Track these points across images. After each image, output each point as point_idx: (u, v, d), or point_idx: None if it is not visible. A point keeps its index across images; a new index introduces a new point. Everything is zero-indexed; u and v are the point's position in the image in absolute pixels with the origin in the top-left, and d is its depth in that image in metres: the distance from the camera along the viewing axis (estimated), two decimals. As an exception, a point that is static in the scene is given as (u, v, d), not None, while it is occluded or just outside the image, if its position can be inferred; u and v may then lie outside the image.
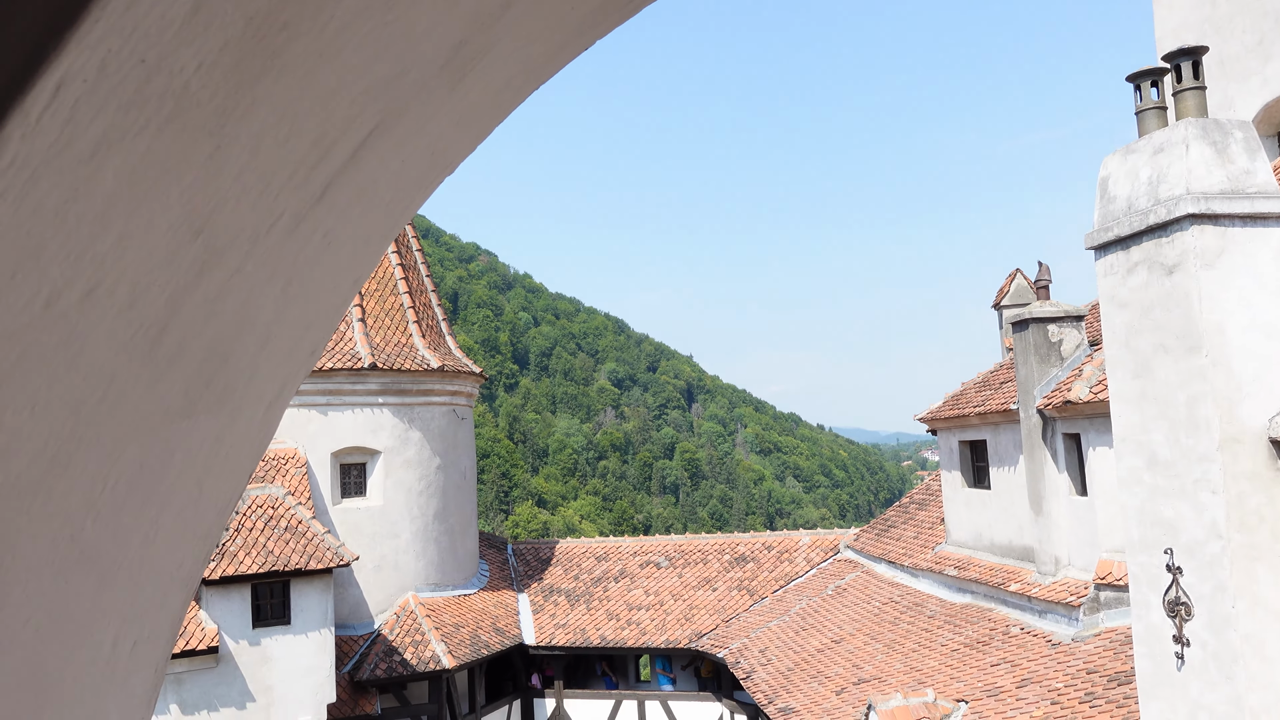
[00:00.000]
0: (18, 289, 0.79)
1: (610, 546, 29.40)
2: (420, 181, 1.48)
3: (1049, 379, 17.02)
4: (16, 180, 0.75)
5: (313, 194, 1.14)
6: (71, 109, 0.77)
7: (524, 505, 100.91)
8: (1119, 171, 10.32)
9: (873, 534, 25.68)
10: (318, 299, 1.35)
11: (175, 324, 1.04)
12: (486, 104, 1.49)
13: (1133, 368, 10.27)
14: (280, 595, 20.08)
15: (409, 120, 1.25)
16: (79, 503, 1.01)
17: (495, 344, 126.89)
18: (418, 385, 24.78)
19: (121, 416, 1.01)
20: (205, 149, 0.93)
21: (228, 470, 1.38)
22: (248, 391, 1.29)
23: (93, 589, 1.10)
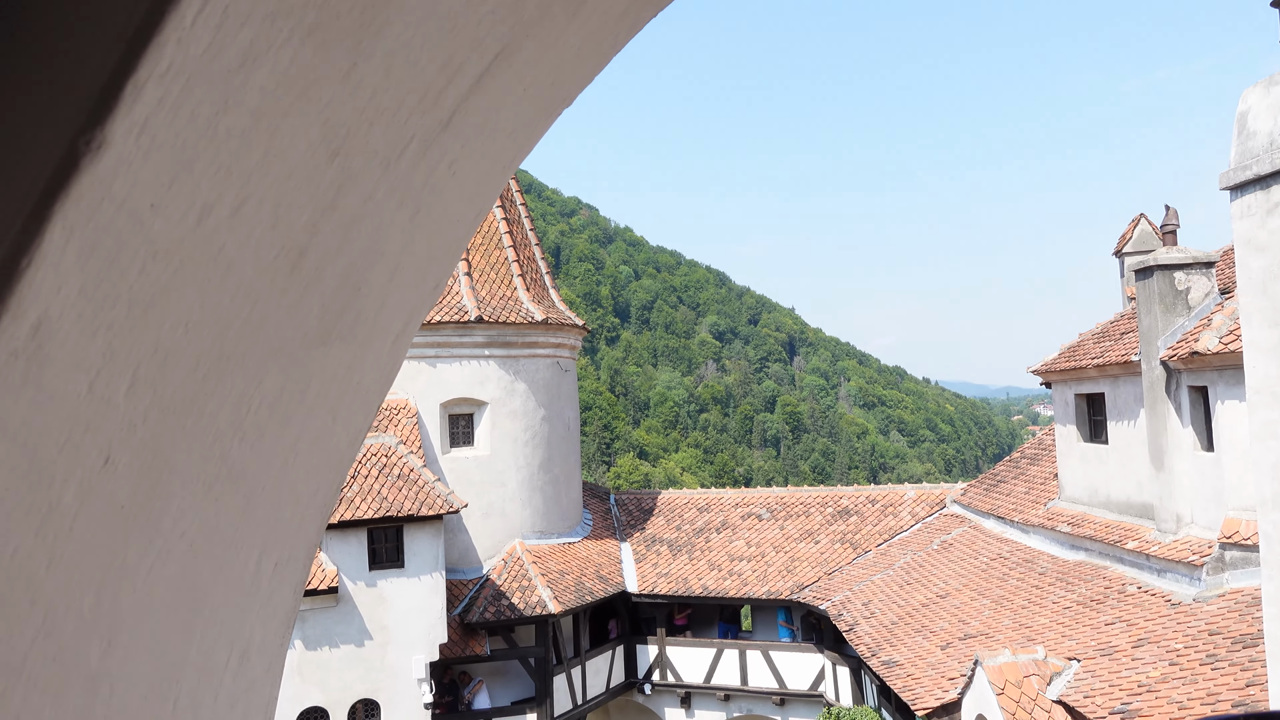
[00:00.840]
0: (174, 200, 0.81)
1: (712, 498, 29.54)
2: (541, 111, 1.46)
3: (1174, 329, 16.21)
4: (173, 88, 0.77)
5: (440, 120, 1.14)
6: (221, 15, 0.78)
7: (625, 457, 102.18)
8: (1260, 105, 9.64)
9: (981, 489, 25.10)
10: (443, 230, 1.36)
11: (313, 248, 1.06)
12: (605, 32, 1.46)
13: (1271, 315, 9.67)
14: (394, 540, 20.90)
15: (531, 46, 1.23)
16: (227, 422, 1.05)
17: (597, 297, 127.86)
18: (522, 338, 25.21)
19: (264, 340, 1.04)
20: (343, 65, 0.94)
21: (358, 401, 1.41)
22: (377, 322, 1.31)
23: (239, 508, 1.15)
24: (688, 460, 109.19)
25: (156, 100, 0.76)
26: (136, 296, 0.83)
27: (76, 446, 0.82)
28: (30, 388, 0.74)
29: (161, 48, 0.74)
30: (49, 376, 0.76)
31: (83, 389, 0.81)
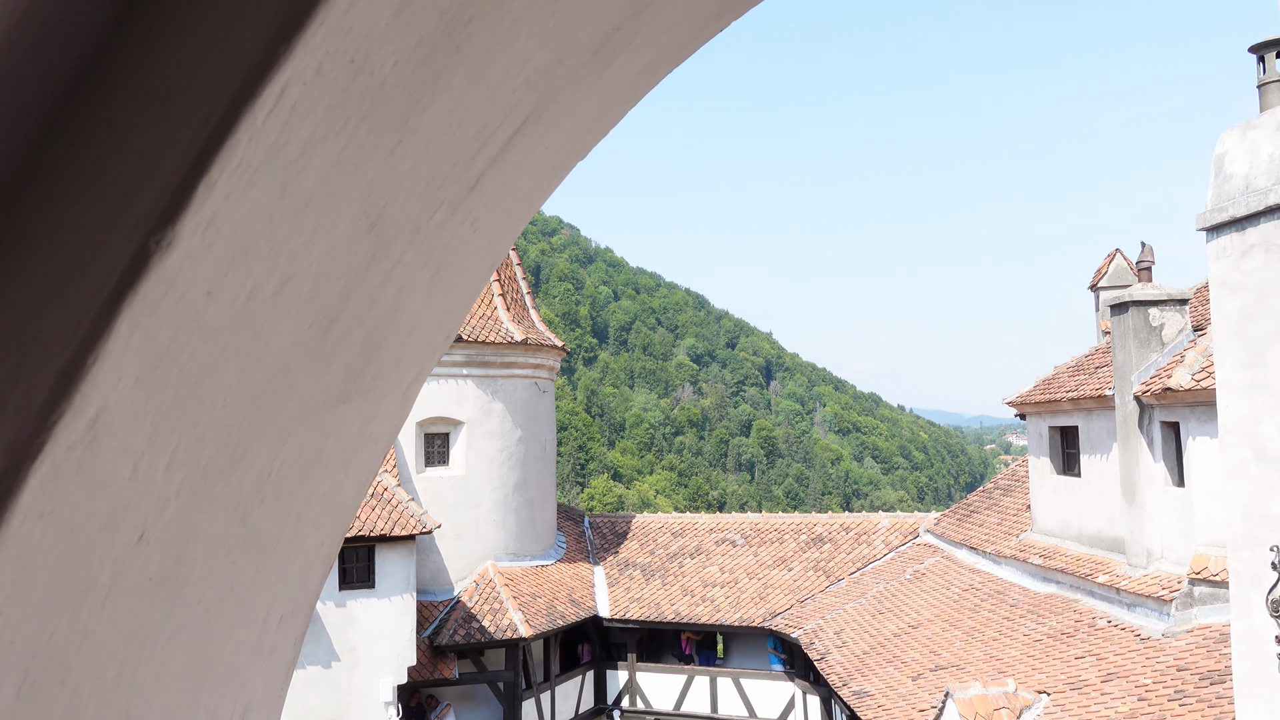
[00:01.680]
0: (228, 286, 0.81)
1: (686, 523, 29.50)
2: (558, 167, 1.47)
3: (1148, 364, 16.42)
4: (240, 183, 0.77)
5: (468, 184, 1.15)
6: (290, 111, 0.78)
7: (600, 478, 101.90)
8: (1237, 148, 9.84)
9: (954, 519, 25.23)
10: (460, 285, 1.37)
11: (344, 314, 1.06)
12: (625, 90, 1.48)
13: (1244, 356, 9.83)
14: (365, 559, 20.69)
15: (558, 107, 1.24)
16: (251, 487, 1.04)
17: (575, 317, 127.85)
18: (501, 358, 25.14)
19: (291, 404, 1.03)
20: (389, 144, 0.94)
21: (369, 452, 1.40)
22: (393, 376, 1.31)
23: (254, 568, 1.14)
24: (662, 483, 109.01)
25: (224, 196, 0.76)
26: (184, 379, 0.83)
27: (116, 527, 0.81)
28: (82, 478, 0.73)
29: (235, 147, 0.75)
30: (100, 465, 0.76)
31: (127, 472, 0.80)
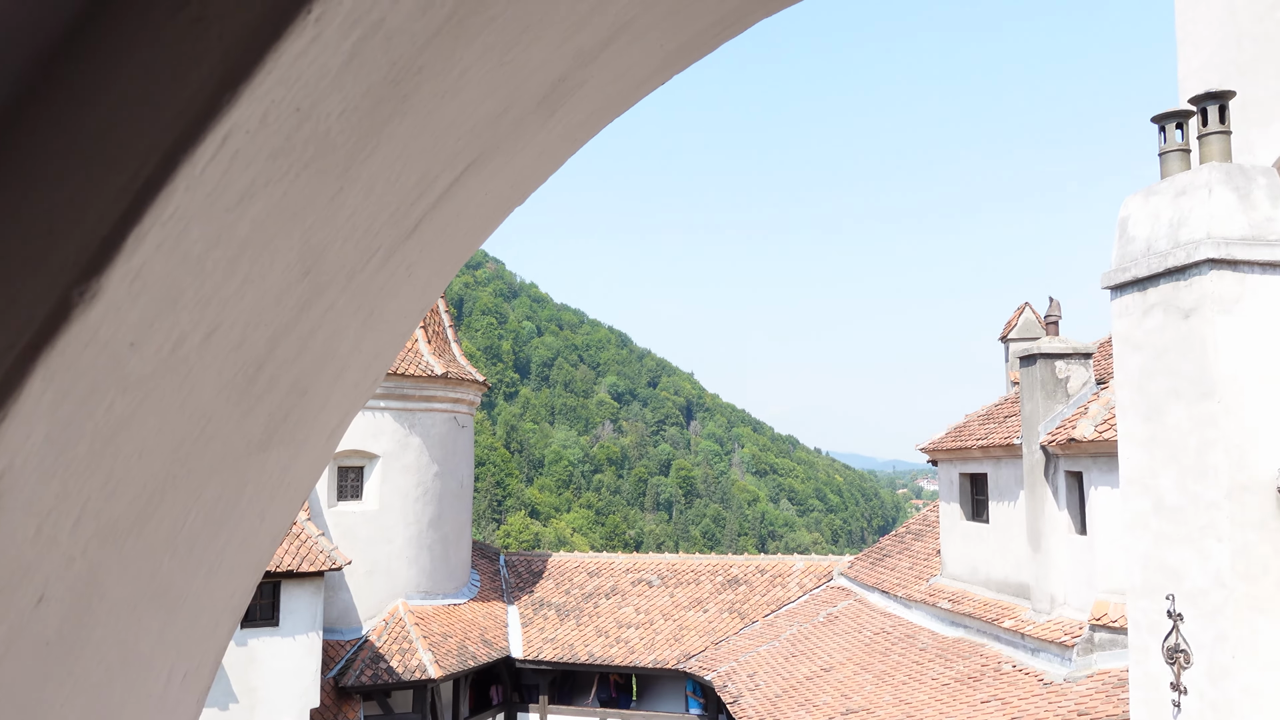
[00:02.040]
0: (153, 336, 0.76)
1: (603, 562, 29.29)
2: (497, 212, 1.45)
3: (1054, 415, 16.98)
4: (173, 232, 0.72)
5: (407, 229, 1.12)
6: (231, 159, 0.75)
7: (516, 515, 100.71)
8: (1140, 212, 10.31)
9: (867, 562, 25.58)
10: (391, 329, 1.33)
11: (271, 360, 1.01)
12: (568, 137, 1.47)
13: (1144, 410, 10.23)
14: (270, 596, 19.98)
15: (501, 154, 1.22)
16: (163, 540, 0.98)
17: (497, 352, 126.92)
18: (420, 391, 24.75)
19: (211, 454, 0.98)
20: (330, 191, 0.91)
21: (287, 500, 1.34)
22: (317, 422, 1.26)
23: (159, 625, 1.07)
24: (579, 521, 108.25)
25: (156, 246, 0.72)
26: (99, 433, 0.77)
27: (13, 590, 0.75)
28: None
29: (170, 195, 0.70)
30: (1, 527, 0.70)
31: (30, 533, 0.74)
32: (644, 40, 1.34)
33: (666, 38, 1.42)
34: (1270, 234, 9.55)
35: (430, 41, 0.86)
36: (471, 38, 0.91)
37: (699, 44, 1.63)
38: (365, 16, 0.76)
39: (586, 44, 1.13)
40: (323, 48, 0.75)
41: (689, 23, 1.43)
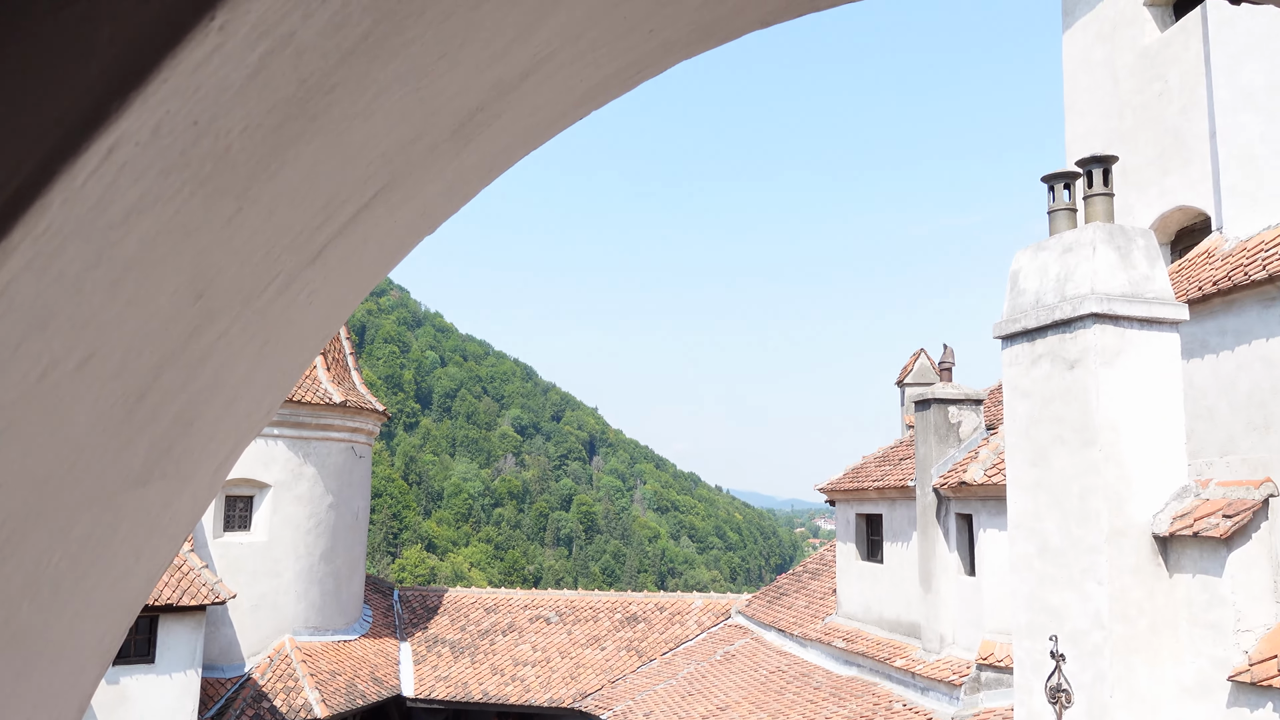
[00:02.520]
0: (18, 361, 0.69)
1: (500, 598, 28.80)
2: (404, 241, 1.41)
3: (946, 459, 17.49)
4: (46, 249, 0.66)
5: (310, 255, 1.06)
6: (117, 172, 0.68)
7: (413, 549, 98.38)
8: (1030, 266, 10.77)
9: (764, 601, 25.78)
10: (288, 357, 1.26)
11: (154, 390, 0.94)
12: (482, 168, 1.44)
13: (1030, 456, 10.62)
14: (145, 631, 18.97)
15: (411, 182, 1.18)
16: (21, 584, 0.89)
17: (399, 381, 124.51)
18: (317, 419, 24.04)
19: (81, 489, 0.90)
20: (227, 211, 0.85)
21: (167, 536, 1.26)
22: (204, 454, 1.18)
23: (14, 674, 0.98)
24: (477, 555, 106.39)
25: (25, 263, 0.65)
26: None
27: None
28: None
29: (44, 210, 0.64)
30: None
31: None
32: (563, 75, 1.33)
33: (586, 74, 1.40)
34: (1148, 292, 10.09)
35: (344, 60, 0.82)
36: (388, 59, 0.87)
37: (617, 82, 1.63)
38: (274, 29, 0.72)
39: (506, 75, 1.11)
40: (226, 58, 0.70)
41: (608, 60, 1.42)
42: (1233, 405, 10.94)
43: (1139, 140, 14.24)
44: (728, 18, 1.63)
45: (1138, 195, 14.17)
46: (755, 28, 1.79)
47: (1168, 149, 13.71)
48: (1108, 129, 14.86)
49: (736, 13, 1.62)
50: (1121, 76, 14.72)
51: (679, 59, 1.75)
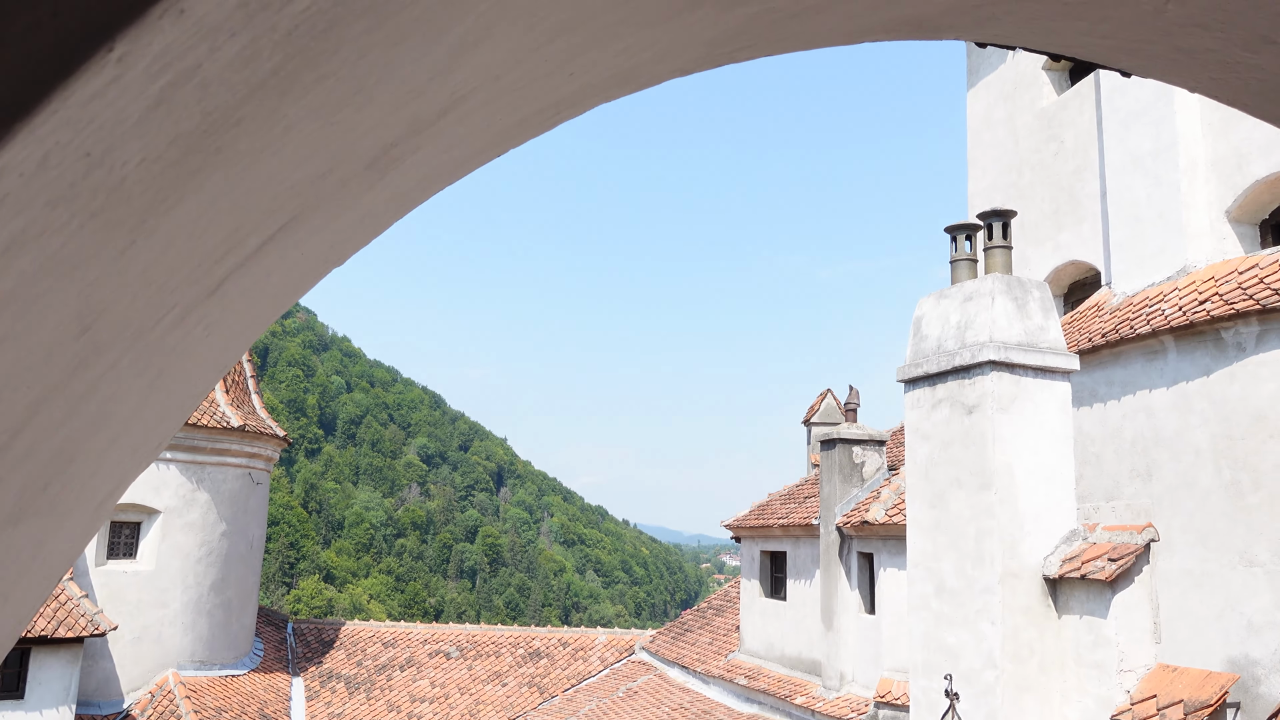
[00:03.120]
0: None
1: (399, 632, 28.06)
2: (311, 273, 1.37)
3: (849, 498, 17.82)
4: None
5: (209, 287, 1.02)
6: None
7: (310, 579, 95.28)
8: (932, 313, 11.12)
9: (668, 637, 25.73)
10: (182, 389, 1.21)
11: (31, 426, 0.88)
12: (396, 201, 1.41)
13: (930, 498, 10.89)
14: (15, 665, 17.89)
15: (321, 215, 1.15)
16: None
17: (302, 406, 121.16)
18: (213, 443, 23.19)
19: (-57, 531, 0.84)
20: (119, 244, 0.81)
21: (39, 578, 1.18)
22: (85, 490, 1.12)
23: None
24: (377, 587, 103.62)
25: None
26: None
27: None
28: None
29: None
30: None
31: None
32: (482, 113, 1.32)
33: (505, 113, 1.40)
34: (1042, 342, 10.52)
35: (252, 94, 0.79)
36: (300, 94, 0.85)
37: (537, 121, 1.62)
38: (178, 62, 0.69)
39: (423, 112, 1.09)
40: (124, 90, 0.67)
41: (529, 101, 1.42)
42: (1118, 452, 11.44)
43: (1036, 196, 14.91)
44: (648, 65, 1.65)
45: (1035, 249, 14.80)
46: (675, 75, 1.81)
47: (1062, 206, 14.38)
48: (1008, 184, 15.52)
49: (656, 61, 1.64)
50: (1021, 135, 15.42)
51: (599, 101, 1.76)
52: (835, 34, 1.81)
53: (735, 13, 1.57)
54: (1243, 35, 1.90)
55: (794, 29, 1.73)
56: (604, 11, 1.24)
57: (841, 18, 1.75)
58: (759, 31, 1.69)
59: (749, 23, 1.63)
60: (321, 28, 0.76)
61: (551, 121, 1.67)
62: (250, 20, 0.69)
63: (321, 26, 0.75)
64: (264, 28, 0.71)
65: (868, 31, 1.86)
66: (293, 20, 0.72)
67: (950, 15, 1.86)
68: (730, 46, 1.74)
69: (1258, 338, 10.03)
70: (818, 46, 1.88)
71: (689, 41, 1.63)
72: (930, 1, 1.78)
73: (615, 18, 1.31)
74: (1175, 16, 1.86)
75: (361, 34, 0.81)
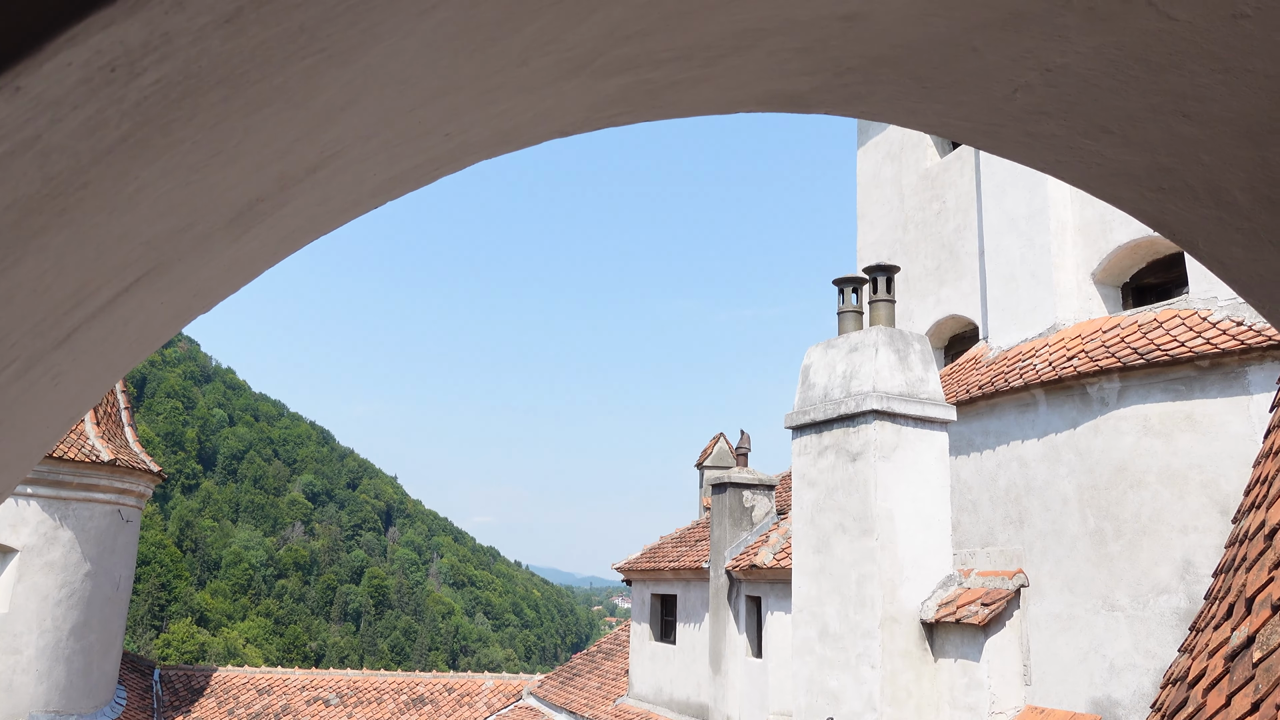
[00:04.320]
0: None
1: (276, 678, 26.90)
2: (175, 319, 1.35)
3: (739, 542, 18.02)
4: None
5: (56, 339, 1.00)
6: None
7: (182, 623, 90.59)
8: (820, 362, 11.43)
9: (557, 681, 25.38)
10: (25, 440, 1.17)
11: None
12: (265, 252, 1.41)
13: (815, 543, 11.12)
14: None
15: (182, 268, 1.14)
16: None
17: (180, 439, 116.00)
18: (80, 478, 21.95)
19: None
20: (-48, 303, 0.79)
21: None
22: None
23: None
24: (255, 630, 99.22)
25: None
26: None
27: None
28: None
29: None
30: None
31: None
32: (355, 170, 1.33)
33: (379, 169, 1.41)
34: (922, 393, 10.92)
35: (99, 160, 0.79)
36: (152, 158, 0.85)
37: (414, 177, 1.64)
38: (15, 134, 0.69)
39: (290, 170, 1.10)
40: None
41: (404, 158, 1.44)
42: (993, 500, 11.92)
43: (921, 252, 15.56)
44: (528, 126, 1.69)
45: (918, 302, 15.41)
46: (556, 136, 1.86)
47: (944, 263, 15.04)
48: (894, 239, 16.16)
49: (536, 123, 1.68)
50: (907, 193, 16.11)
51: (480, 158, 1.79)
52: (710, 105, 1.89)
53: (611, 81, 1.62)
54: (1083, 124, 2.06)
55: (670, 99, 1.80)
56: (478, 79, 1.28)
57: (716, 90, 1.82)
58: (636, 99, 1.75)
59: (625, 91, 1.69)
60: (174, 97, 0.76)
61: (430, 176, 1.69)
62: (94, 94, 0.69)
63: (174, 96, 0.76)
64: (109, 100, 0.71)
65: (742, 103, 1.94)
66: (141, 92, 0.73)
67: (819, 93, 1.96)
68: (609, 111, 1.79)
69: (1119, 393, 10.65)
70: (695, 115, 1.96)
71: (568, 106, 1.67)
72: (799, 79, 1.87)
73: (491, 84, 1.35)
74: (1023, 104, 2.00)
75: (218, 102, 0.81)
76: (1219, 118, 1.91)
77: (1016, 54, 1.86)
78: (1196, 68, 1.81)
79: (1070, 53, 1.82)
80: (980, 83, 1.97)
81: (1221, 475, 9.93)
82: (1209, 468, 10.02)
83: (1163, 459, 10.26)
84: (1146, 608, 10.11)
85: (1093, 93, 1.97)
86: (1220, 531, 9.73)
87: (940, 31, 1.77)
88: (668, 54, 1.58)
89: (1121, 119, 2.04)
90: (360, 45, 0.90)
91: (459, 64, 1.14)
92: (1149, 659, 10.01)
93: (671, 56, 1.59)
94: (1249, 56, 1.74)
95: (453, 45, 1.06)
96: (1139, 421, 10.45)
